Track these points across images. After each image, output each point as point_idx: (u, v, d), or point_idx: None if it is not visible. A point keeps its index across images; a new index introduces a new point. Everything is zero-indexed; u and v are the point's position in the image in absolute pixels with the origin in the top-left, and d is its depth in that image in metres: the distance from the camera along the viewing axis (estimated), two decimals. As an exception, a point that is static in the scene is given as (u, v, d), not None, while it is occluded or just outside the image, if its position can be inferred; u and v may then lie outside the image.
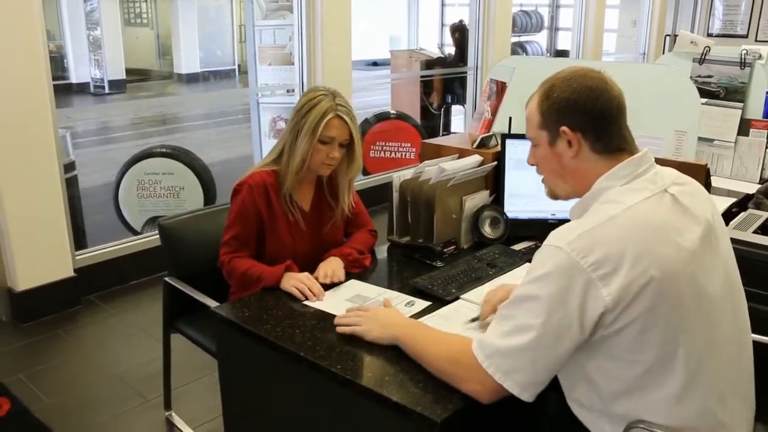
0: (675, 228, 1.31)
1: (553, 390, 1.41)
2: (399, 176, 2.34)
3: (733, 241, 1.50)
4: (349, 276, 2.07)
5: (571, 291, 1.25)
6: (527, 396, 1.32)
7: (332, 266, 2.04)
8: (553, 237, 1.31)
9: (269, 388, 1.77)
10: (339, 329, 1.69)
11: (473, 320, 1.77)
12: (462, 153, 2.53)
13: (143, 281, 4.10)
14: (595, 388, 1.35)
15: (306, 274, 1.99)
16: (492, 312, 1.72)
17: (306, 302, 1.88)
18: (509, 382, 1.31)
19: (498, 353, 1.32)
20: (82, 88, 13.43)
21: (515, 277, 2.00)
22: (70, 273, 3.71)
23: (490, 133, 2.59)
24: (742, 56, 3.43)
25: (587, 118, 1.38)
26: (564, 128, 1.39)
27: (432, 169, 2.28)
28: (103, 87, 13.25)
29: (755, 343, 1.47)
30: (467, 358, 1.37)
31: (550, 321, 1.26)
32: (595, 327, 1.27)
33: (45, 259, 3.59)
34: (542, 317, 1.27)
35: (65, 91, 12.86)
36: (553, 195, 1.52)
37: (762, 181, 3.30)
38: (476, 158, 2.44)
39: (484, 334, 1.37)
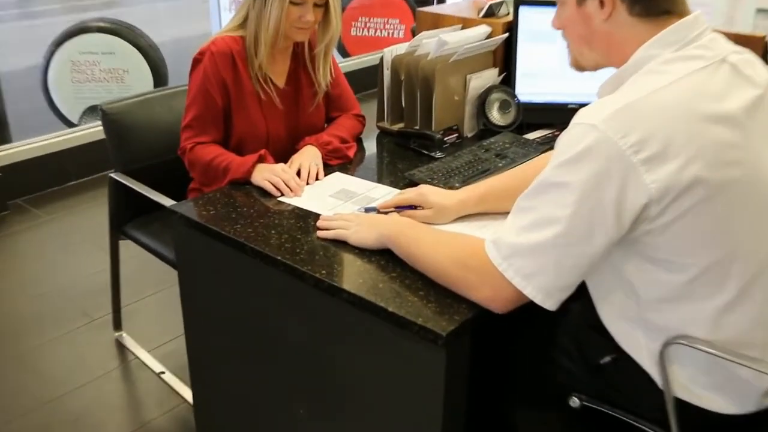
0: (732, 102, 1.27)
1: (576, 300, 1.40)
2: (391, 51, 2.28)
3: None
4: (332, 168, 2.03)
5: (608, 176, 1.20)
6: (551, 303, 1.29)
7: (309, 159, 2.00)
8: (585, 114, 1.26)
9: (240, 299, 1.75)
10: (320, 233, 1.66)
11: (368, 209, 1.77)
12: (466, 23, 2.45)
13: (84, 181, 4.05)
14: (633, 294, 1.33)
15: (282, 165, 1.95)
16: (396, 205, 1.72)
17: (282, 198, 1.85)
18: (530, 288, 1.28)
19: (517, 253, 1.29)
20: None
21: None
22: (-7, 172, 3.65)
23: (500, 0, 2.51)
24: None
25: None
26: None
27: (430, 42, 2.21)
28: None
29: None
30: (478, 260, 1.34)
31: (581, 211, 1.23)
32: (636, 220, 1.24)
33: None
34: (571, 207, 1.23)
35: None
36: (577, 65, 1.47)
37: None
38: (483, 29, 2.37)
39: (498, 231, 1.34)
